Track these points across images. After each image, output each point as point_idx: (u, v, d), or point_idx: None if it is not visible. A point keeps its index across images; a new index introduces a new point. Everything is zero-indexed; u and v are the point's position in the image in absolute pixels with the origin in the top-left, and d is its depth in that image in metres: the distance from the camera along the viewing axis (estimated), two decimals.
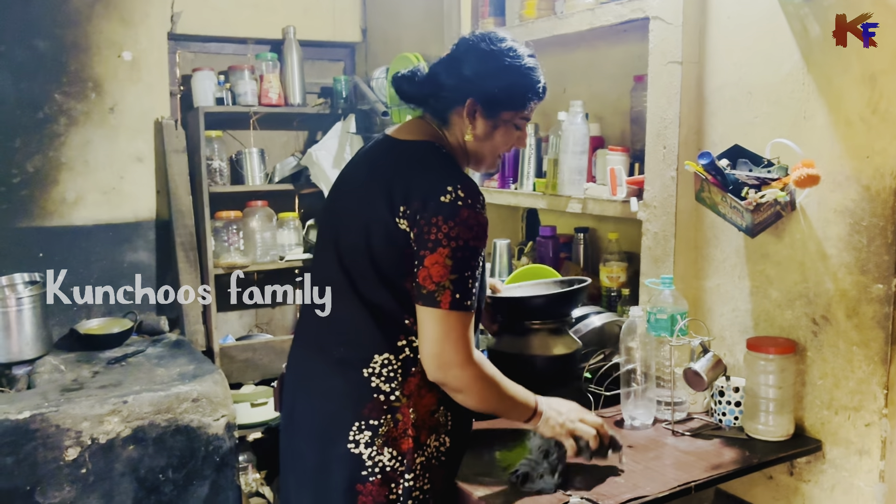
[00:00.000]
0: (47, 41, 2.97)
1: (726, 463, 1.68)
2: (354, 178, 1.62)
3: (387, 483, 1.49)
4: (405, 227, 1.45)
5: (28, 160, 2.98)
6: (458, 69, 1.55)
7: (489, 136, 1.57)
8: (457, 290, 1.42)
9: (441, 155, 1.53)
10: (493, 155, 1.62)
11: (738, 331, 1.97)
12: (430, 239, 1.41)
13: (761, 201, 1.73)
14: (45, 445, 2.29)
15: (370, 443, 1.49)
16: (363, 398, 1.49)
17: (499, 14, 2.67)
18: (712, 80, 1.98)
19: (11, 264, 2.92)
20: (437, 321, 1.43)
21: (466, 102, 1.53)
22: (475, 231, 1.43)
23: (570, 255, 2.59)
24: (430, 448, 1.53)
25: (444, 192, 1.42)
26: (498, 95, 1.54)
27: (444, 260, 1.41)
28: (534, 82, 1.57)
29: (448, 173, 1.47)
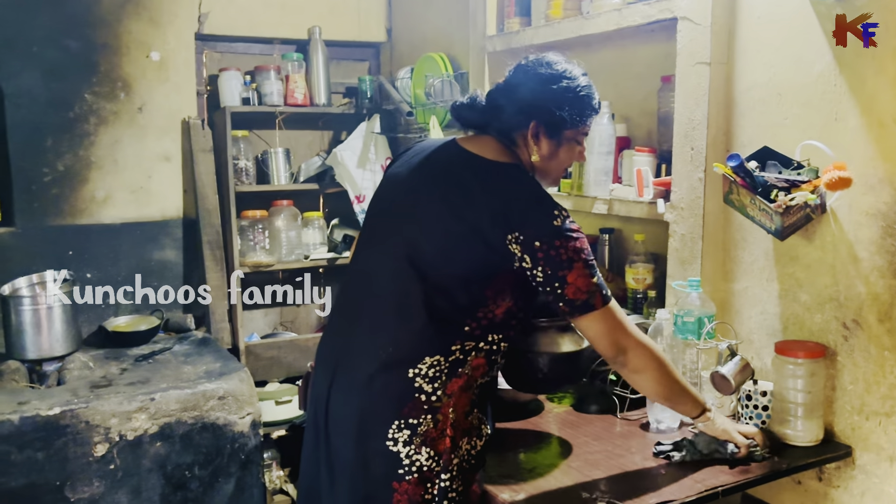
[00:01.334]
0: (79, 41, 3.01)
1: (754, 468, 1.67)
2: (427, 182, 1.63)
3: (423, 482, 1.51)
4: (517, 250, 1.51)
5: (59, 159, 3.02)
6: (518, 94, 1.62)
7: (554, 156, 1.65)
8: (601, 289, 1.55)
9: (532, 180, 1.62)
10: (558, 171, 1.71)
11: (766, 334, 1.95)
12: (563, 259, 1.51)
13: (791, 204, 1.71)
14: (74, 441, 2.32)
15: (408, 441, 1.51)
16: (404, 397, 1.52)
17: (524, 14, 2.66)
18: (741, 81, 1.96)
19: (42, 262, 2.96)
20: (600, 320, 1.55)
21: (530, 125, 1.61)
22: (582, 239, 1.55)
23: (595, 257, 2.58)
24: (463, 450, 1.56)
25: (554, 218, 1.52)
26: (559, 116, 1.61)
27: (584, 271, 1.52)
28: (590, 100, 1.65)
29: (546, 198, 1.56)
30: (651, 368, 1.59)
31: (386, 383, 1.53)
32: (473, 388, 1.57)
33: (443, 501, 1.52)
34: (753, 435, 1.71)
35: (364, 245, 1.70)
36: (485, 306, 1.55)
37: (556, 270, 1.51)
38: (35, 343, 2.68)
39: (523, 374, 1.81)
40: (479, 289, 1.54)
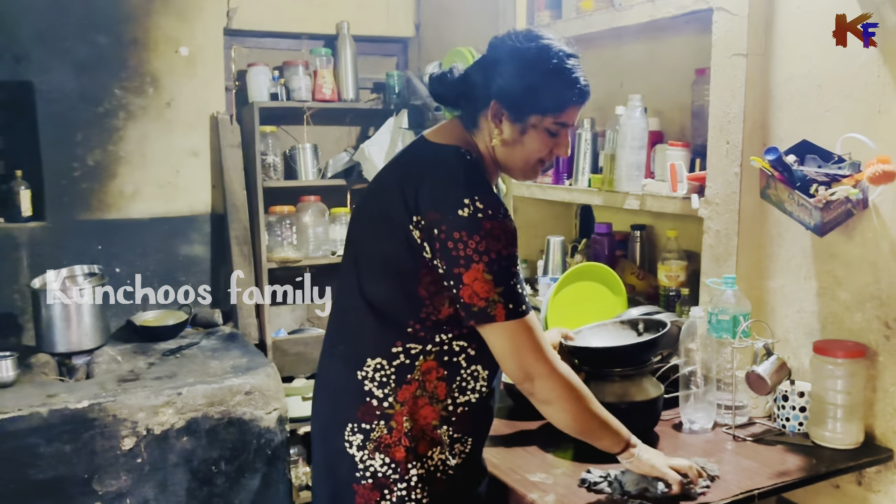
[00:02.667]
0: (108, 37, 3.02)
1: (791, 470, 1.62)
2: (382, 179, 1.57)
3: (378, 489, 1.47)
4: (418, 237, 1.40)
5: (88, 154, 3.04)
6: (487, 69, 1.47)
7: (518, 142, 1.47)
8: (508, 300, 1.37)
9: (463, 161, 1.44)
10: (525, 162, 1.51)
11: (803, 333, 1.90)
12: (461, 255, 1.35)
13: (832, 199, 1.66)
14: (102, 434, 2.33)
15: (362, 446, 1.47)
16: (357, 400, 1.47)
17: (555, 7, 2.62)
18: (779, 73, 1.91)
19: (71, 256, 2.98)
20: (502, 336, 1.40)
21: (491, 104, 1.45)
22: (504, 240, 1.37)
23: (625, 253, 2.54)
24: (433, 460, 1.48)
25: (462, 206, 1.35)
26: (524, 97, 1.43)
27: (483, 275, 1.35)
28: (568, 84, 1.44)
29: (465, 183, 1.39)
30: (562, 400, 1.42)
31: (344, 382, 1.50)
32: (440, 402, 1.47)
33: None
34: (686, 470, 1.50)
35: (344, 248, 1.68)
36: (425, 306, 1.43)
37: (451, 266, 1.36)
38: (64, 337, 2.69)
39: None
40: (412, 287, 1.43)
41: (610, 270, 2.30)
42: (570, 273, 2.28)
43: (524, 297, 1.40)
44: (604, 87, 2.68)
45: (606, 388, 1.76)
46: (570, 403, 1.43)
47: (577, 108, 1.48)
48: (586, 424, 1.47)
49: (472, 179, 1.40)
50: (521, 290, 1.40)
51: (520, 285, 1.40)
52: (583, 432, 1.49)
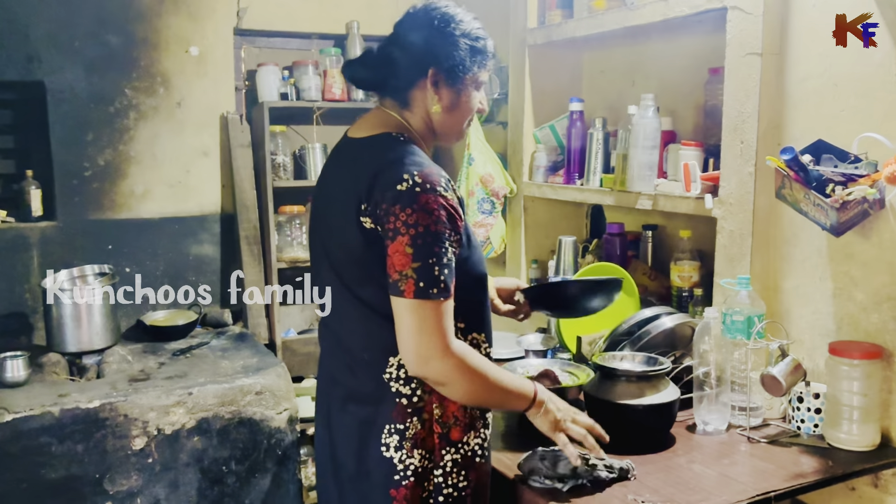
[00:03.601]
0: (119, 37, 3.02)
1: (807, 472, 1.61)
2: (323, 188, 1.59)
3: (420, 483, 1.47)
4: (370, 224, 1.41)
5: (99, 154, 3.04)
6: (412, 43, 1.51)
7: (456, 105, 1.54)
8: (420, 278, 1.37)
9: (397, 143, 1.48)
10: (460, 123, 1.58)
11: (818, 334, 1.88)
12: (390, 228, 1.38)
13: (848, 199, 1.64)
14: (113, 434, 2.33)
15: (399, 446, 1.47)
16: (389, 402, 1.48)
17: (567, 6, 2.61)
18: (794, 72, 1.89)
19: (82, 255, 2.99)
20: (406, 312, 1.39)
21: (429, 73, 1.50)
22: (436, 215, 1.38)
23: (637, 254, 2.53)
24: (469, 445, 1.51)
25: (401, 181, 1.38)
26: (459, 60, 1.50)
27: (404, 248, 1.37)
28: (485, 42, 1.55)
29: (403, 161, 1.42)
30: (455, 381, 1.42)
31: (373, 388, 1.49)
32: None
33: (438, 497, 1.49)
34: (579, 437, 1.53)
35: (311, 259, 1.66)
36: None
37: (384, 238, 1.40)
38: (75, 336, 2.69)
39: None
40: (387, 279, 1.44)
41: (622, 271, 2.29)
42: (583, 273, 2.27)
43: (441, 279, 1.39)
44: (615, 86, 2.67)
45: (621, 389, 1.75)
46: (464, 383, 1.43)
47: (490, 65, 1.58)
48: (484, 398, 1.49)
49: (409, 157, 1.43)
50: (439, 271, 1.38)
51: (440, 266, 1.39)
52: (484, 405, 1.52)
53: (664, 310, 2.07)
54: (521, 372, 2.08)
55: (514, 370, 2.08)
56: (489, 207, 2.85)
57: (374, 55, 1.56)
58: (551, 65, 2.80)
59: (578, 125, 2.55)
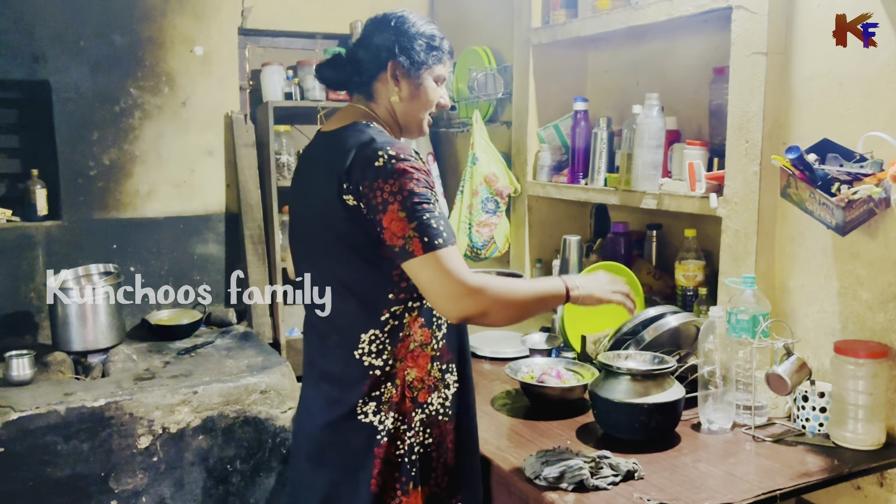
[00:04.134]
0: (124, 36, 3.03)
1: (812, 471, 1.61)
2: (301, 180, 1.71)
3: (393, 442, 1.58)
4: (352, 201, 1.50)
5: (104, 153, 3.05)
6: (374, 42, 1.65)
7: (415, 95, 1.66)
8: (422, 234, 1.46)
9: (366, 128, 1.59)
10: (422, 112, 1.69)
11: (823, 333, 1.88)
12: (378, 202, 1.47)
13: (854, 198, 1.64)
14: (119, 433, 2.34)
15: (377, 410, 1.58)
16: (362, 378, 1.58)
17: (571, 6, 2.61)
18: (799, 72, 1.89)
19: (87, 255, 2.99)
20: (422, 268, 1.47)
21: (388, 66, 1.62)
22: (416, 178, 1.48)
23: (641, 253, 2.53)
24: (433, 406, 1.62)
25: (377, 158, 1.48)
26: (415, 54, 1.63)
27: (397, 214, 1.46)
28: (442, 40, 1.68)
29: (375, 140, 1.53)
30: (494, 310, 1.49)
31: (343, 368, 1.59)
32: (427, 345, 1.60)
33: (412, 456, 1.59)
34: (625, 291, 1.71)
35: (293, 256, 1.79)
36: (394, 269, 1.54)
37: (374, 215, 1.48)
38: (80, 335, 2.70)
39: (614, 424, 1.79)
40: (372, 255, 1.53)
41: (627, 270, 2.29)
42: (587, 272, 2.26)
43: (440, 231, 1.47)
44: (620, 86, 2.67)
45: (626, 388, 1.75)
46: (500, 307, 1.50)
47: (449, 62, 1.71)
48: (524, 311, 1.56)
49: (379, 137, 1.55)
50: (436, 224, 1.47)
51: (435, 220, 1.47)
52: (527, 316, 1.59)
53: (669, 309, 2.07)
54: (526, 371, 2.09)
55: (518, 369, 2.09)
56: (493, 207, 2.85)
57: (341, 57, 1.70)
58: (555, 64, 2.80)
59: (583, 125, 2.55)
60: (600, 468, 1.56)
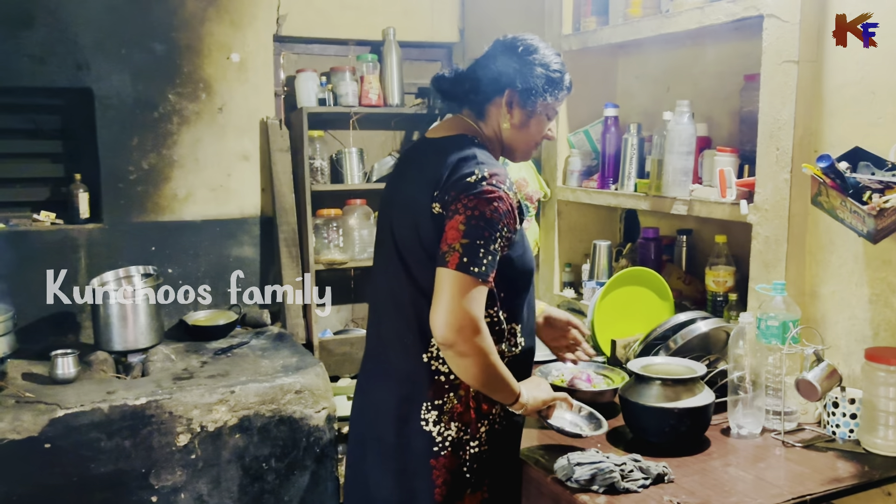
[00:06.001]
0: (164, 44, 3.11)
1: (843, 477, 1.63)
2: (400, 178, 1.75)
3: (456, 452, 1.63)
4: (438, 209, 1.56)
5: (144, 158, 3.13)
6: (496, 65, 1.67)
7: (525, 125, 1.69)
8: (465, 254, 1.49)
9: (472, 144, 1.64)
10: (526, 144, 1.73)
11: (854, 340, 1.89)
12: (452, 210, 1.53)
13: (885, 206, 1.65)
14: (159, 431, 2.41)
15: (437, 420, 1.63)
16: (427, 381, 1.63)
17: (602, 13, 2.64)
18: (831, 80, 1.91)
19: (127, 257, 3.08)
20: (447, 281, 1.50)
21: (505, 93, 1.66)
22: (494, 204, 1.52)
23: (671, 258, 2.54)
24: (493, 414, 1.67)
25: (472, 174, 1.54)
26: (533, 86, 1.65)
27: (459, 225, 1.51)
28: (563, 76, 1.71)
29: (476, 157, 1.58)
30: (479, 356, 1.53)
31: (413, 368, 1.64)
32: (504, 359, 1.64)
33: (474, 465, 1.65)
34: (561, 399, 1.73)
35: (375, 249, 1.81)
36: None
37: (446, 220, 1.54)
38: (121, 335, 2.78)
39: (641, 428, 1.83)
40: None
41: (657, 275, 2.31)
42: (617, 277, 2.29)
43: (483, 262, 1.51)
44: (650, 92, 2.69)
45: (656, 393, 1.77)
46: (484, 359, 1.54)
47: (565, 95, 1.75)
48: (492, 379, 1.58)
49: (481, 155, 1.60)
50: (484, 254, 1.51)
51: (485, 250, 1.51)
52: (485, 385, 1.60)
53: (699, 314, 2.09)
54: (556, 374, 2.12)
55: (549, 373, 2.12)
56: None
57: (462, 72, 1.73)
58: (586, 70, 2.82)
59: (613, 130, 2.58)
60: (631, 471, 1.59)
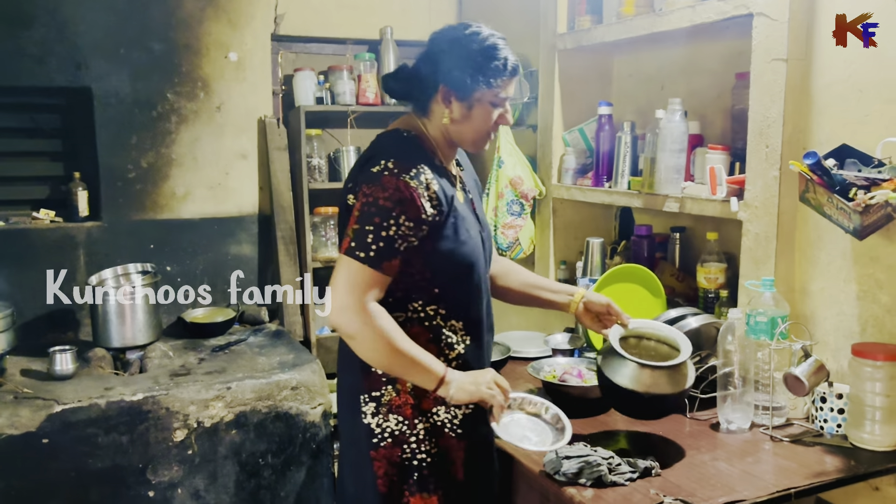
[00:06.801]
0: (162, 44, 3.13)
1: (829, 471, 1.65)
2: None
3: (397, 444, 1.65)
4: (352, 200, 1.61)
5: (142, 156, 3.15)
6: (431, 60, 1.66)
7: (467, 118, 1.66)
8: (354, 238, 1.54)
9: (398, 137, 1.66)
10: (476, 134, 1.69)
11: (842, 336, 1.91)
12: (357, 199, 1.57)
13: (871, 203, 1.67)
14: (156, 426, 2.42)
15: (375, 412, 1.66)
16: (362, 372, 1.66)
17: (595, 12, 2.66)
18: (819, 78, 1.92)
19: (126, 254, 3.10)
20: (337, 265, 1.57)
21: (440, 89, 1.64)
22: (389, 193, 1.53)
23: (665, 255, 2.56)
24: (439, 417, 1.67)
25: (377, 164, 1.56)
26: (466, 78, 1.62)
27: (355, 213, 1.56)
28: (499, 60, 1.64)
29: (390, 150, 1.59)
30: (364, 335, 1.55)
31: (347, 361, 1.69)
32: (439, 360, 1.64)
33: (413, 461, 1.65)
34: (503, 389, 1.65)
35: None
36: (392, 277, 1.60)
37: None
38: (119, 332, 2.81)
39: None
40: None
41: (649, 272, 2.33)
42: (610, 274, 2.31)
43: (370, 247, 1.53)
44: (643, 91, 2.71)
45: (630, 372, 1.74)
46: (368, 341, 1.56)
47: (513, 80, 1.68)
48: (389, 361, 1.59)
49: (396, 148, 1.61)
50: (373, 240, 1.53)
51: (375, 236, 1.53)
52: (390, 368, 1.62)
53: (690, 310, 2.11)
54: (549, 370, 2.13)
55: (541, 369, 2.14)
56: (518, 209, 2.91)
57: (406, 69, 1.72)
58: (580, 69, 2.84)
59: (607, 129, 2.60)
60: (618, 465, 1.61)
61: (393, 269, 1.57)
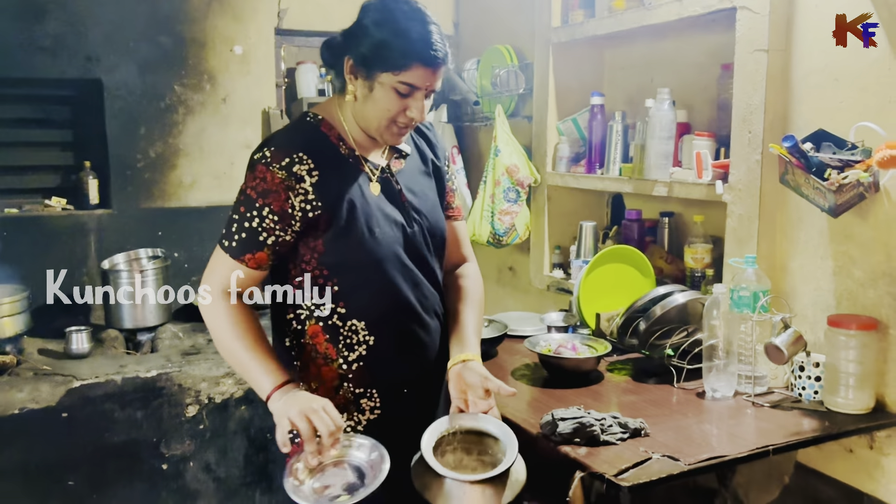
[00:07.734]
0: (170, 37, 3.24)
1: (806, 431, 1.76)
2: None
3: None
4: None
5: (151, 146, 3.26)
6: (352, 26, 1.52)
7: (367, 99, 1.47)
8: (224, 226, 1.50)
9: (298, 122, 1.56)
10: (377, 120, 1.49)
11: (820, 309, 2.03)
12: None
13: (844, 182, 1.79)
14: (169, 402, 2.54)
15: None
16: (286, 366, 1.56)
17: (588, 6, 2.77)
18: (798, 68, 2.04)
19: (135, 241, 3.20)
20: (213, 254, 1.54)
21: (345, 61, 1.49)
22: (256, 182, 1.45)
23: (654, 239, 2.68)
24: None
25: (259, 150, 1.48)
26: (369, 53, 1.44)
27: (232, 205, 1.51)
28: (411, 42, 1.43)
29: (278, 136, 1.52)
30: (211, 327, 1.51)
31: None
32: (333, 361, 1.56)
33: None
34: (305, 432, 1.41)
35: None
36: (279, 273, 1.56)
37: None
38: (131, 314, 2.92)
39: None
40: None
41: (639, 253, 2.44)
42: (602, 255, 2.42)
43: (233, 237, 1.48)
44: (634, 82, 2.83)
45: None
46: (216, 331, 1.51)
47: (427, 71, 1.45)
48: (231, 359, 1.52)
49: (286, 134, 1.53)
50: (236, 229, 1.48)
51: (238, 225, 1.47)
52: (232, 366, 1.56)
53: (677, 287, 2.22)
54: (544, 344, 2.25)
55: (537, 343, 2.25)
56: (514, 196, 3.02)
57: (336, 39, 1.55)
58: (574, 61, 2.95)
59: (599, 118, 2.71)
60: (610, 426, 1.72)
61: (259, 261, 1.49)
